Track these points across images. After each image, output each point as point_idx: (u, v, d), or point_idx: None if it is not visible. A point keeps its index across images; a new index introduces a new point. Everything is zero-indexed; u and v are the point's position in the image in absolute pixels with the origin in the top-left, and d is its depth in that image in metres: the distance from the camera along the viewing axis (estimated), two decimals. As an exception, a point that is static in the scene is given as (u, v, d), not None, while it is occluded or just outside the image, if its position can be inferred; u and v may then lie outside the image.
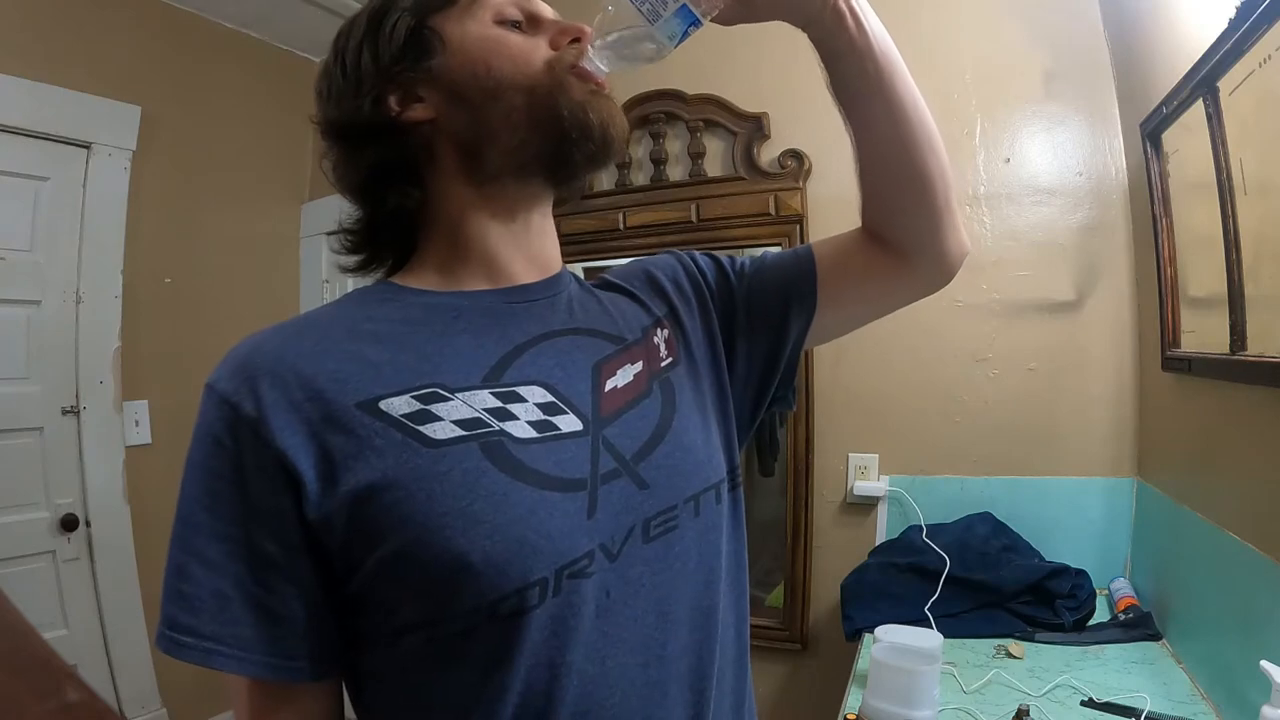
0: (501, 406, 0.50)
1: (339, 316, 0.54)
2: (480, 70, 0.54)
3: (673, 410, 0.57)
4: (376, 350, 0.50)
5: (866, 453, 1.68)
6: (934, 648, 1.07)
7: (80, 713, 0.22)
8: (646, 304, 0.64)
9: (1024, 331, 1.55)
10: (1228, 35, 0.89)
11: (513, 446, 0.48)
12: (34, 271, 1.92)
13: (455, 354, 0.52)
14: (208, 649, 0.45)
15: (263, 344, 0.50)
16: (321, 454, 0.46)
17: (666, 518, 0.52)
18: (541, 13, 0.58)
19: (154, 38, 2.17)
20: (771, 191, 1.72)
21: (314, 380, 0.48)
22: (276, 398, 0.47)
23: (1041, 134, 1.54)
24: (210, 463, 0.47)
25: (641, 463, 0.52)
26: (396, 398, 0.48)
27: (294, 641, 0.47)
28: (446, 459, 0.47)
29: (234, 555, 0.46)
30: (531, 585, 0.45)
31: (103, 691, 2.01)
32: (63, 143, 1.95)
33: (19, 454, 1.90)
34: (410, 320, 0.53)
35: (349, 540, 0.46)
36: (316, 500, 0.46)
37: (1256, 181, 0.91)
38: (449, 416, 0.48)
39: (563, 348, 0.55)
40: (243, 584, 0.46)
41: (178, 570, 0.46)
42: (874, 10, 0.63)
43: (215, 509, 0.46)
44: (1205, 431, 1.18)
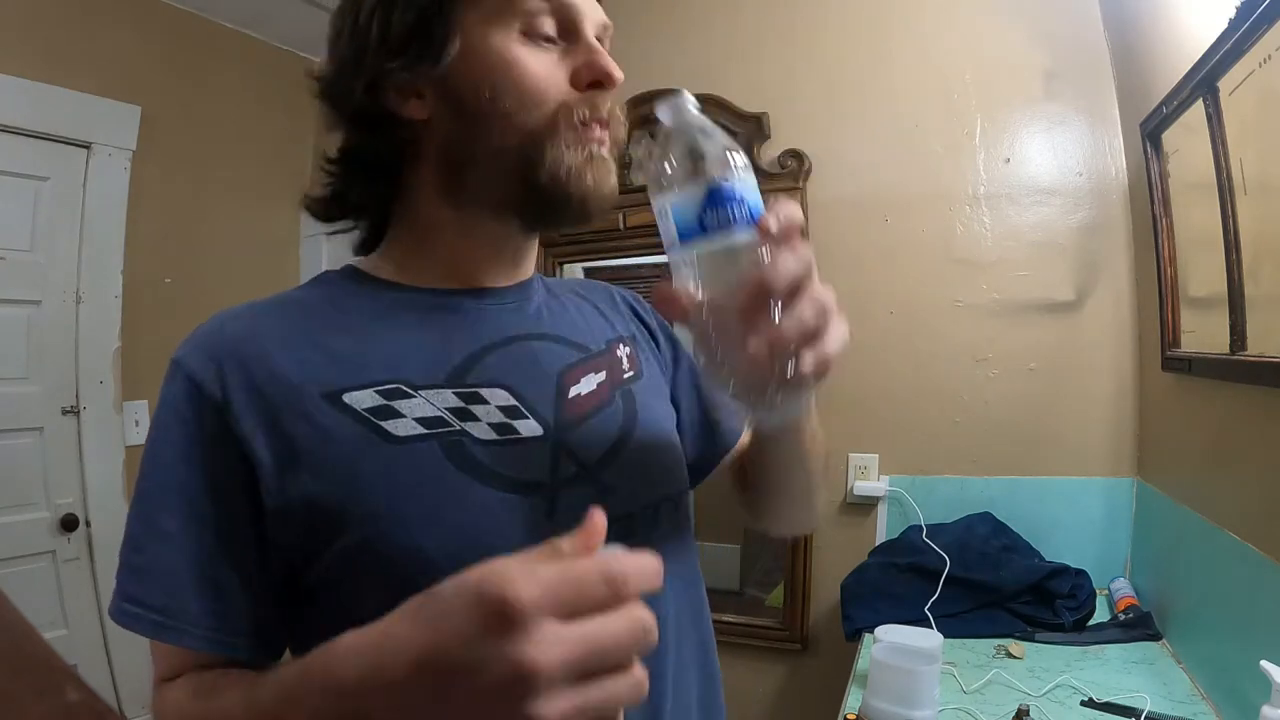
0: (463, 406, 0.50)
1: (309, 303, 0.54)
2: (484, 92, 0.50)
3: (634, 421, 0.57)
4: (343, 342, 0.50)
5: (866, 453, 1.68)
6: (934, 648, 1.07)
7: (80, 713, 0.22)
8: (610, 319, 0.65)
9: (1024, 331, 1.55)
10: (1228, 35, 0.89)
11: (473, 447, 0.49)
12: (34, 271, 1.92)
13: (420, 351, 0.52)
14: (156, 621, 0.45)
15: (231, 324, 0.50)
16: (282, 441, 0.46)
17: (627, 521, 0.53)
18: (582, 27, 0.52)
19: (154, 38, 2.17)
20: (771, 191, 1.72)
21: (280, 367, 0.48)
22: (240, 381, 0.47)
23: (1041, 134, 1.54)
24: (172, 438, 0.47)
25: (604, 470, 0.53)
26: (360, 391, 0.48)
27: (236, 620, 0.47)
28: (407, 456, 0.47)
29: (187, 531, 0.46)
30: None
31: (103, 691, 2.01)
32: (63, 143, 1.95)
33: (19, 454, 1.90)
34: (377, 314, 0.53)
35: (308, 529, 0.46)
36: (275, 487, 0.46)
37: (1256, 181, 0.91)
38: (411, 414, 0.48)
39: (528, 352, 0.55)
40: (193, 559, 0.46)
41: (132, 542, 0.47)
42: (875, 10, 0.62)
43: (172, 484, 0.47)
44: (1205, 431, 1.18)
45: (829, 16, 1.72)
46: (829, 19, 1.72)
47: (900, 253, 1.65)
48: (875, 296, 1.67)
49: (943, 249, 1.61)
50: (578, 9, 0.52)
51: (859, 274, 1.68)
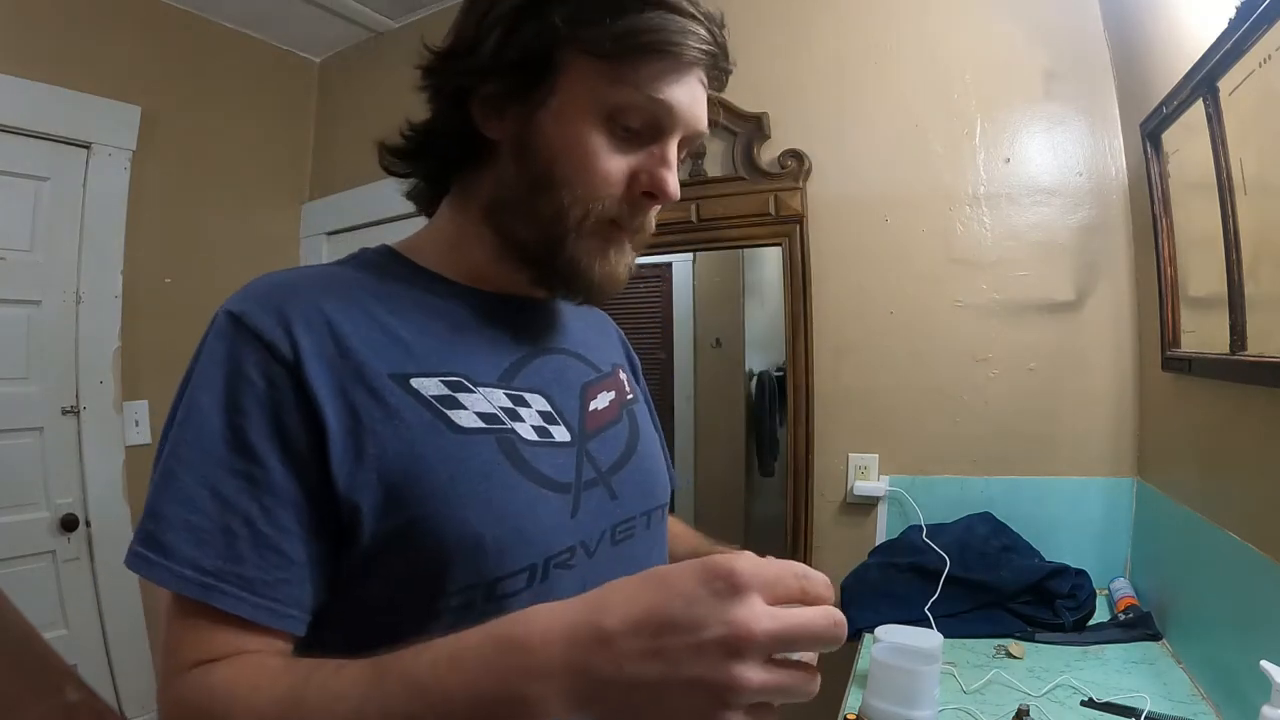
0: (512, 408, 0.54)
1: (359, 281, 0.55)
2: (548, 155, 0.52)
3: (637, 437, 0.64)
4: (401, 327, 0.52)
5: (866, 453, 1.68)
6: (934, 648, 1.07)
7: (80, 713, 0.22)
8: (608, 346, 0.71)
9: (1024, 331, 1.55)
10: (1228, 35, 0.89)
11: (521, 445, 0.52)
12: (34, 271, 1.92)
13: (474, 350, 0.55)
14: (208, 585, 0.44)
15: (290, 284, 0.51)
16: (349, 411, 0.47)
17: (628, 526, 0.58)
18: (668, 134, 0.52)
19: (154, 38, 2.18)
20: (771, 191, 1.72)
21: (347, 339, 0.49)
22: (311, 345, 0.47)
23: (1041, 134, 1.54)
24: (235, 395, 0.46)
25: (614, 476, 0.58)
26: (426, 379, 0.51)
27: (294, 588, 0.46)
28: (469, 446, 0.50)
29: (250, 493, 0.45)
30: (523, 570, 0.49)
31: (103, 691, 2.01)
32: (63, 143, 1.95)
33: (19, 454, 1.90)
34: (426, 305, 0.55)
35: (373, 501, 0.47)
36: (341, 456, 0.46)
37: (1256, 181, 0.91)
38: (472, 407, 0.51)
39: (558, 365, 0.60)
40: (253, 523, 0.45)
41: (184, 497, 0.45)
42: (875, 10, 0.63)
43: (237, 443, 0.46)
44: (1205, 431, 1.18)
45: (829, 16, 1.72)
46: (829, 19, 1.72)
47: (900, 253, 1.65)
48: (875, 296, 1.67)
49: (943, 249, 1.61)
50: (673, 116, 0.52)
51: (859, 274, 1.68)
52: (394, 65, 2.47)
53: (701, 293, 1.97)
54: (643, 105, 0.51)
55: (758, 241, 1.78)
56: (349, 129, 2.59)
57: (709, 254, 1.92)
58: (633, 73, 0.50)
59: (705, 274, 1.98)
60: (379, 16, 2.42)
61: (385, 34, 2.50)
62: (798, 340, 1.71)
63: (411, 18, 2.43)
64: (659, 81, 0.50)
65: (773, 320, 1.82)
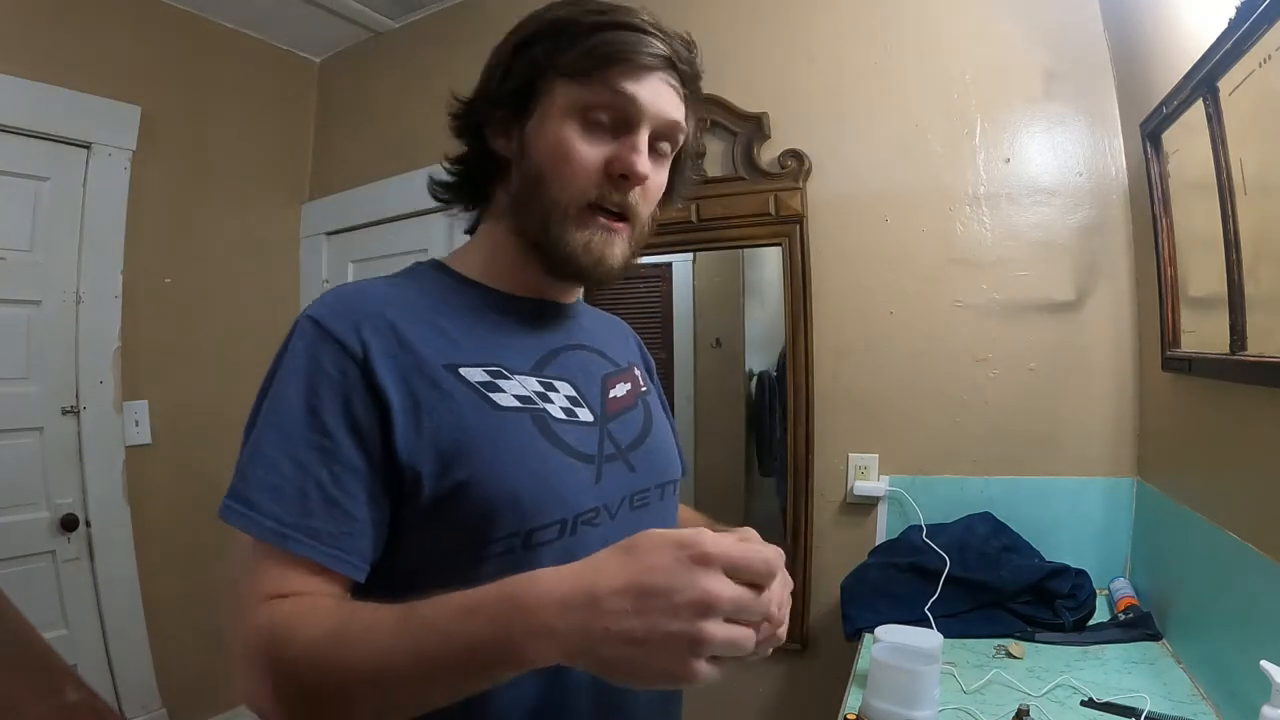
0: (543, 391, 0.65)
1: (416, 292, 0.66)
2: (538, 157, 0.64)
3: (650, 422, 0.75)
4: (450, 327, 0.63)
5: (866, 453, 1.68)
6: (934, 648, 1.07)
7: (80, 712, 0.22)
8: (625, 347, 0.83)
9: (1024, 331, 1.55)
10: (1228, 35, 0.89)
11: (551, 422, 0.63)
12: (34, 271, 1.92)
13: (510, 345, 0.66)
14: (284, 534, 0.54)
15: (360, 295, 0.63)
16: (410, 395, 0.58)
17: (644, 495, 0.69)
18: (636, 125, 0.63)
19: (154, 38, 2.18)
20: (771, 191, 1.72)
21: (407, 338, 0.60)
22: (378, 344, 0.58)
23: (1041, 134, 1.54)
24: (314, 384, 0.57)
25: (631, 453, 0.69)
26: (473, 368, 0.62)
27: (355, 540, 0.56)
28: (508, 422, 0.61)
29: (322, 462, 0.55)
30: (555, 523, 0.60)
31: (103, 691, 2.01)
32: (63, 143, 1.95)
33: (19, 454, 1.90)
34: (471, 308, 0.67)
35: (430, 466, 0.57)
36: (403, 432, 0.57)
37: (1256, 181, 0.91)
38: (510, 391, 0.62)
39: (582, 358, 0.72)
40: (324, 487, 0.55)
41: (269, 463, 0.55)
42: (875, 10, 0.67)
43: (313, 422, 0.56)
44: (1205, 431, 1.18)
45: (829, 16, 1.72)
46: (829, 19, 1.72)
47: (900, 253, 1.65)
48: (875, 296, 1.67)
49: (943, 249, 1.61)
50: (636, 106, 0.62)
51: (859, 274, 1.68)
52: (394, 65, 2.47)
53: (701, 293, 1.97)
54: (608, 101, 0.62)
55: (758, 241, 1.78)
56: (349, 129, 2.59)
57: (709, 254, 1.92)
58: (599, 77, 0.61)
59: (705, 274, 1.98)
60: (379, 16, 2.42)
61: (385, 34, 2.50)
62: (798, 340, 1.71)
63: (411, 18, 2.43)
64: (620, 80, 0.61)
65: (773, 320, 1.82)
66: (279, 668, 0.50)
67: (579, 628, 0.42)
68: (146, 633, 2.11)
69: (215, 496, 0.59)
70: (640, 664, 0.42)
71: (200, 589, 2.28)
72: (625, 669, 0.43)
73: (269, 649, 0.50)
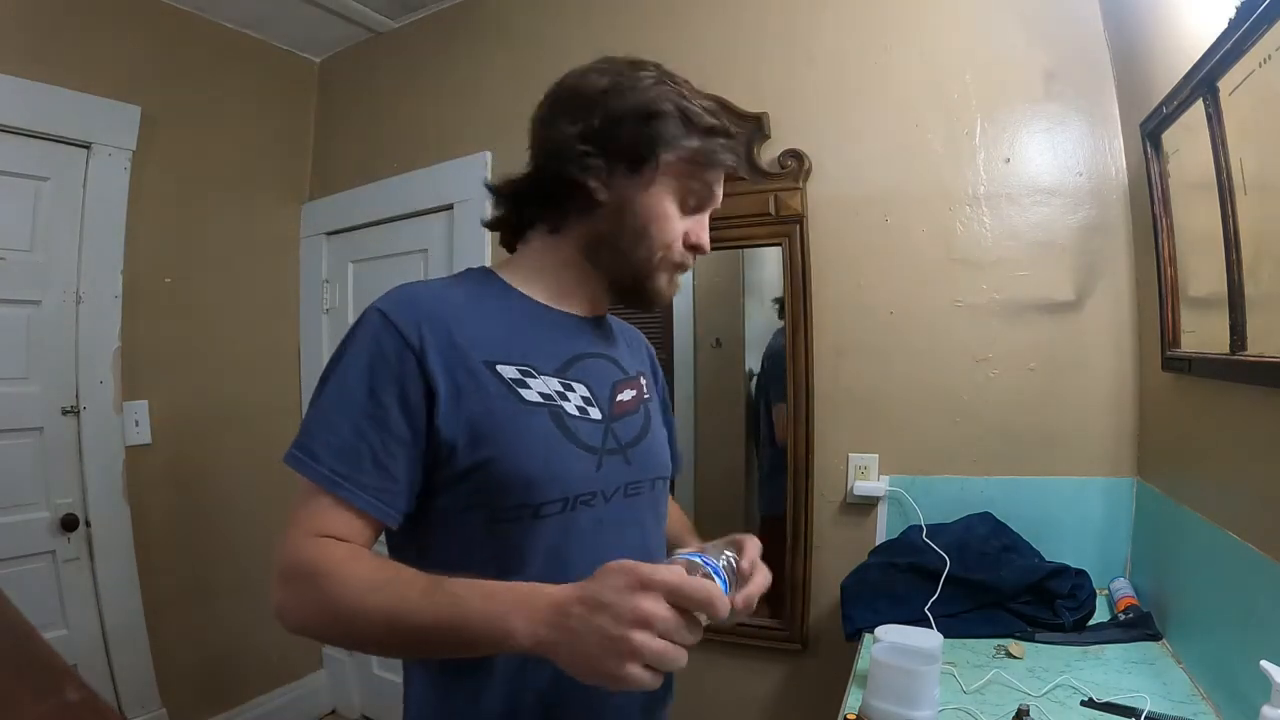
0: (562, 391, 0.76)
1: (467, 295, 0.77)
2: (639, 219, 0.77)
3: (649, 425, 0.86)
4: (495, 329, 0.75)
5: (866, 453, 1.68)
6: (934, 648, 1.07)
7: (80, 712, 0.22)
8: (636, 356, 0.93)
9: (1024, 331, 1.55)
10: (1228, 35, 0.89)
11: (565, 418, 0.75)
12: (34, 271, 1.92)
13: (542, 349, 0.77)
14: (337, 482, 0.66)
15: (424, 296, 0.74)
16: (453, 384, 0.70)
17: (637, 485, 0.81)
18: (706, 206, 0.82)
19: (154, 38, 2.18)
20: (771, 191, 1.72)
21: (456, 337, 0.72)
22: (433, 339, 0.70)
23: (1041, 134, 1.54)
24: (375, 365, 0.69)
25: (630, 450, 0.81)
26: (508, 366, 0.74)
27: (394, 497, 0.69)
28: (530, 414, 0.73)
29: (376, 431, 0.68)
30: (557, 500, 0.72)
31: (103, 691, 2.01)
32: (63, 143, 1.95)
33: (19, 454, 1.90)
34: (512, 313, 0.79)
35: (464, 441, 0.69)
36: (445, 412, 0.69)
37: (1256, 181, 0.91)
38: (535, 389, 0.74)
39: (599, 365, 0.83)
40: (375, 451, 0.67)
41: (333, 426, 0.68)
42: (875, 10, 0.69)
43: (372, 397, 0.68)
44: (1205, 431, 1.18)
45: (829, 16, 1.72)
46: (829, 19, 1.72)
47: (900, 252, 1.65)
48: (875, 296, 1.67)
49: (943, 249, 1.61)
50: (714, 200, 0.82)
51: (859, 274, 1.68)
52: (394, 65, 2.47)
53: (701, 293, 1.97)
54: (700, 191, 0.80)
55: (758, 241, 1.78)
56: (349, 129, 2.59)
57: (709, 254, 1.91)
58: (701, 173, 0.78)
59: (705, 274, 1.98)
60: (379, 16, 2.42)
61: (385, 34, 2.50)
62: (798, 340, 1.71)
63: (411, 18, 2.43)
64: (712, 180, 0.80)
65: (773, 320, 1.82)
66: (316, 594, 0.62)
67: (551, 624, 0.55)
68: (146, 633, 2.11)
69: (215, 496, 0.61)
70: (586, 661, 0.54)
71: (200, 589, 2.28)
72: (577, 663, 0.54)
73: (312, 576, 0.63)
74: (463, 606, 0.58)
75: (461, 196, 2.21)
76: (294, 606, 0.65)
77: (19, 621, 0.24)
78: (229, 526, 2.36)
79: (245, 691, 2.40)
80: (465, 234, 2.20)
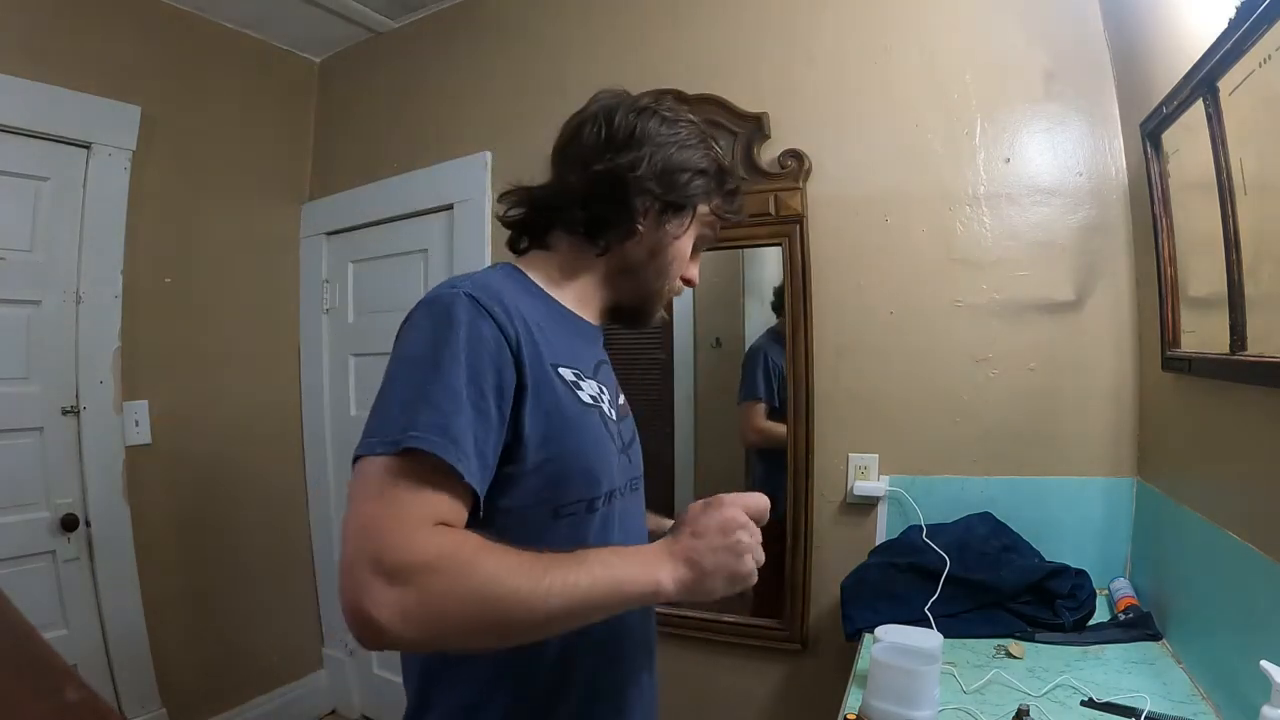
0: (599, 394, 0.82)
1: (525, 294, 0.81)
2: (664, 263, 0.87)
3: (636, 427, 0.94)
4: (550, 331, 0.78)
5: (866, 453, 1.68)
6: (934, 648, 1.07)
7: (80, 712, 0.22)
8: None
9: (1024, 331, 1.55)
10: (1228, 35, 0.89)
11: (606, 418, 0.81)
12: (34, 271, 1.92)
13: (581, 354, 0.83)
14: (441, 445, 0.63)
15: (502, 289, 0.75)
16: (535, 379, 0.72)
17: (635, 481, 0.88)
18: (706, 247, 0.95)
19: (154, 38, 2.18)
20: (771, 191, 1.72)
21: (535, 334, 0.74)
22: (523, 333, 0.72)
23: (1041, 134, 1.54)
24: (473, 347, 0.68)
25: (630, 449, 0.88)
26: (565, 369, 0.77)
27: (481, 468, 0.67)
28: (588, 414, 0.78)
29: (479, 420, 0.67)
30: (603, 495, 0.78)
31: (103, 691, 2.01)
32: (63, 143, 1.95)
33: (19, 454, 1.90)
34: (558, 319, 0.83)
35: (537, 436, 0.72)
36: (530, 405, 0.71)
37: (1256, 181, 0.91)
38: (587, 390, 0.79)
39: (609, 371, 0.91)
40: (478, 439, 0.66)
41: (433, 405, 0.65)
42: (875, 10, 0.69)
43: (471, 382, 0.67)
44: (1205, 431, 1.18)
45: (829, 16, 1.72)
46: (829, 19, 1.72)
47: (900, 253, 1.65)
48: (875, 296, 1.67)
49: (943, 249, 1.61)
50: (713, 242, 0.95)
51: (859, 274, 1.68)
52: (394, 65, 2.47)
53: (701, 293, 1.97)
54: (711, 239, 0.94)
55: (758, 241, 1.78)
56: (349, 129, 2.59)
57: (709, 254, 1.89)
58: (718, 225, 0.93)
59: (705, 274, 1.95)
60: (379, 16, 2.42)
61: (385, 34, 2.50)
62: (798, 340, 1.71)
63: (411, 18, 2.43)
64: (721, 228, 0.94)
65: (773, 320, 1.82)
66: (460, 583, 0.60)
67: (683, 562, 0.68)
68: (146, 633, 2.11)
69: (215, 496, 0.60)
70: (719, 573, 0.68)
71: (200, 589, 2.28)
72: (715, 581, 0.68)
73: (454, 565, 0.60)
74: (614, 569, 0.65)
75: (461, 196, 2.21)
76: (421, 602, 0.58)
77: (19, 621, 0.24)
78: (229, 526, 2.36)
79: (245, 691, 2.40)
80: (465, 234, 2.20)
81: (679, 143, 0.85)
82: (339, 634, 2.61)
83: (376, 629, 0.57)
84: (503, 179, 0.94)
